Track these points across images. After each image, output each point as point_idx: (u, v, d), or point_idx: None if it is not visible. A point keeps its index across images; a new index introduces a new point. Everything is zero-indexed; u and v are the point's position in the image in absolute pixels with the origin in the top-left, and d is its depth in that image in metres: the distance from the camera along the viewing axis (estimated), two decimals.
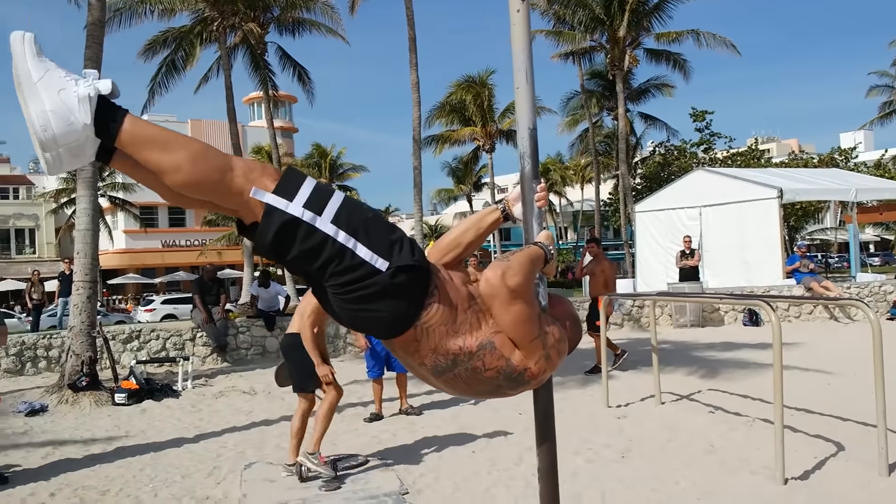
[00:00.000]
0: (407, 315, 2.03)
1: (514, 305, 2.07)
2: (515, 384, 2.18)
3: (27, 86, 1.85)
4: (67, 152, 1.90)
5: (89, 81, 1.89)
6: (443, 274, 2.15)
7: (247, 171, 1.97)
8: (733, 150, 39.45)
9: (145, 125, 1.96)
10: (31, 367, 12.27)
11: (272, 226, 1.95)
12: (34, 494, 5.99)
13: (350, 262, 1.96)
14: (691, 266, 16.59)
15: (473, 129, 39.75)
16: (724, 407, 7.88)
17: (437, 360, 2.10)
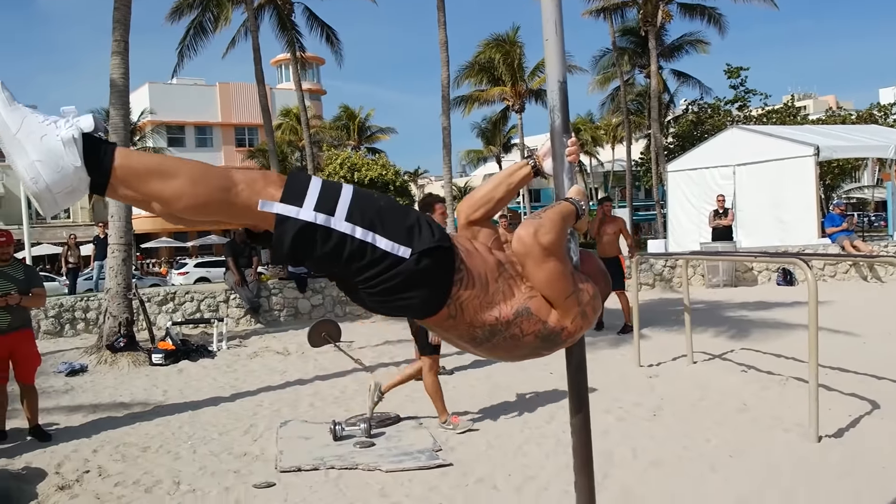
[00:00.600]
0: (438, 296, 2.01)
1: (547, 263, 2.05)
2: (553, 344, 2.18)
3: (7, 140, 1.78)
4: (62, 196, 1.83)
5: (70, 122, 1.81)
6: (467, 246, 2.13)
7: (250, 183, 1.90)
8: (769, 107, 38.70)
9: (137, 156, 1.91)
10: (70, 328, 12.55)
11: (287, 235, 1.90)
12: (77, 451, 6.16)
13: (372, 257, 1.93)
14: (724, 225, 16.39)
15: (503, 89, 39.34)
16: (756, 366, 7.84)
17: (475, 333, 2.09)
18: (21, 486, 5.38)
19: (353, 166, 36.63)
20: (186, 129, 48.79)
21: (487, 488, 4.88)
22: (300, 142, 40.62)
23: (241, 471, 5.46)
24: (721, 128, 30.85)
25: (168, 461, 5.79)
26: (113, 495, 5.10)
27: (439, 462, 5.38)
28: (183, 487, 5.18)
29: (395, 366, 9.03)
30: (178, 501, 4.92)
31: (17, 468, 5.77)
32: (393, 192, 37.38)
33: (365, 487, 4.98)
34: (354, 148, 45.67)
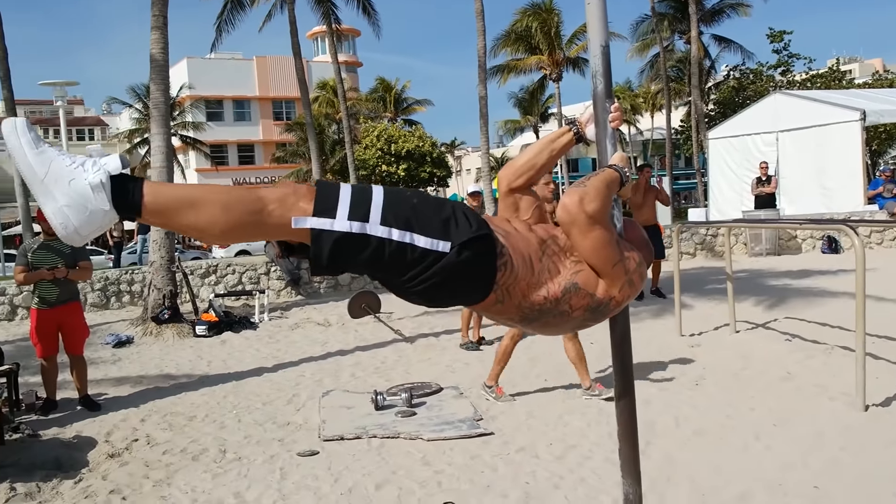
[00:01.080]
0: (484, 284, 2.00)
1: (593, 231, 2.03)
2: (601, 315, 2.17)
3: (35, 185, 1.78)
4: (90, 235, 1.87)
5: (97, 164, 1.81)
6: (507, 228, 2.11)
7: (281, 200, 1.89)
8: (813, 72, 37.70)
9: (165, 189, 1.90)
10: (116, 301, 12.81)
11: (324, 248, 1.89)
12: (126, 420, 6.32)
13: (413, 256, 1.92)
14: (768, 193, 16.10)
15: (540, 58, 38.87)
16: (801, 335, 7.73)
17: (524, 313, 2.08)
18: (72, 454, 5.54)
19: (390, 138, 36.64)
20: (224, 104, 49.14)
21: (529, 457, 4.90)
22: (337, 114, 40.66)
23: (285, 439, 5.56)
24: (763, 94, 30.13)
25: (214, 430, 5.91)
26: (161, 462, 5.23)
27: (481, 431, 5.41)
28: (229, 455, 5.29)
29: (434, 336, 9.07)
30: (224, 469, 5.02)
31: (69, 437, 5.94)
32: (430, 163, 37.36)
33: (407, 456, 5.03)
34: (391, 120, 45.66)
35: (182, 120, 44.15)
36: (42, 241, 6.69)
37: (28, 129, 1.80)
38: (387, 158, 36.21)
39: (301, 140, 40.32)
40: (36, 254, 6.55)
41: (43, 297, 6.55)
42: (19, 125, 1.79)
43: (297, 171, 42.31)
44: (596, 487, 4.34)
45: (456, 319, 9.69)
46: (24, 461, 5.34)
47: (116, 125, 52.73)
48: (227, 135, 48.84)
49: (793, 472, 4.38)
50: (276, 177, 45.55)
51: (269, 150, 48.98)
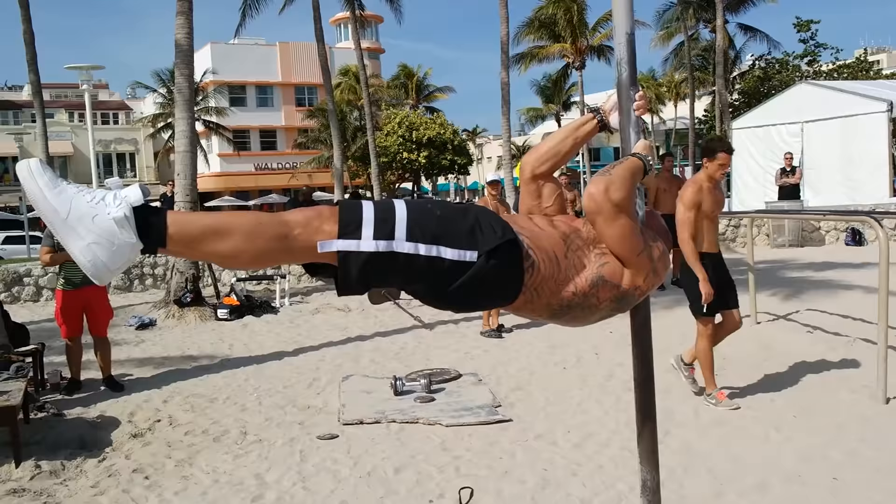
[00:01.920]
0: (513, 287, 2.01)
1: (618, 220, 2.03)
2: (627, 305, 2.18)
3: (58, 225, 1.77)
4: (118, 269, 1.85)
5: (118, 198, 1.79)
6: (530, 227, 2.11)
7: (305, 225, 1.88)
8: (840, 62, 37.23)
9: (189, 218, 1.91)
10: (139, 284, 12.96)
11: (352, 270, 1.88)
12: (148, 401, 6.40)
13: (441, 268, 1.92)
14: (792, 184, 15.95)
15: (563, 46, 38.68)
16: (822, 327, 7.68)
17: (553, 310, 2.09)
18: (96, 434, 5.63)
19: (412, 125, 36.63)
20: (247, 89, 49.29)
21: (547, 444, 4.93)
22: (359, 101, 40.68)
23: (306, 422, 5.61)
24: (789, 84, 29.81)
25: (235, 412, 5.99)
26: (183, 443, 5.30)
27: (499, 418, 5.44)
28: (250, 437, 5.36)
29: (453, 324, 9.09)
30: (245, 451, 5.08)
31: (92, 416, 6.03)
32: (451, 151, 37.32)
33: (426, 441, 5.07)
34: (413, 107, 45.65)
35: (205, 105, 44.33)
36: None
37: (43, 170, 1.78)
38: (408, 146, 36.23)
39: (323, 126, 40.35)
40: None
41: (68, 279, 6.64)
42: (34, 167, 1.78)
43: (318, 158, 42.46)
44: (613, 475, 4.36)
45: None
46: (49, 440, 5.44)
47: (140, 109, 53.07)
48: (250, 120, 49.01)
49: (812, 463, 4.37)
50: (297, 163, 45.74)
51: (290, 135, 49.10)
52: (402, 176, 39.17)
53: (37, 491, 4.55)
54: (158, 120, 44.36)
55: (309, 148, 43.81)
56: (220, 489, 4.47)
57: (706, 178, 5.52)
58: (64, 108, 50.13)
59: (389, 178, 37.33)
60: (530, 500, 4.09)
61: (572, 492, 4.16)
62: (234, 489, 4.45)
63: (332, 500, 4.22)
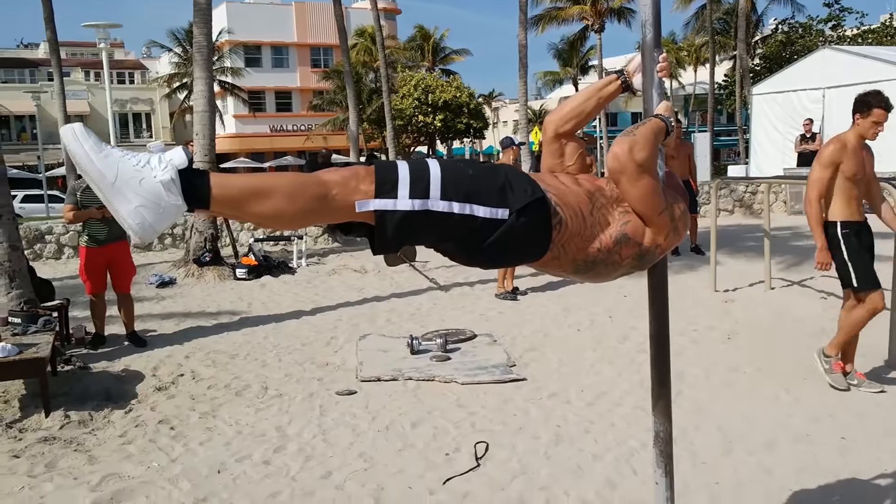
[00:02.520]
0: (542, 243, 2.07)
1: (641, 180, 2.09)
2: (648, 262, 2.25)
3: (106, 189, 1.80)
4: (162, 229, 1.90)
5: (163, 161, 1.82)
6: (556, 185, 2.15)
7: (343, 185, 1.92)
8: (865, 27, 36.58)
9: (231, 180, 1.94)
10: (158, 243, 13.12)
11: (389, 228, 1.92)
12: (171, 356, 6.56)
13: (474, 225, 1.97)
14: (811, 151, 15.81)
15: (582, 8, 38.21)
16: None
17: (578, 266, 2.16)
18: (121, 387, 5.80)
19: (428, 88, 36.43)
20: (263, 49, 49.05)
21: (560, 402, 5.03)
22: (374, 62, 40.42)
23: (324, 379, 5.75)
24: (812, 49, 29.40)
25: (255, 368, 6.13)
26: (206, 397, 5.45)
27: (513, 377, 5.55)
28: (270, 392, 5.50)
29: (468, 286, 9.19)
30: (267, 405, 5.23)
31: (117, 370, 6.20)
32: (467, 114, 37.14)
33: (442, 398, 5.19)
34: (429, 69, 45.33)
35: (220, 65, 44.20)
36: None
37: (88, 134, 1.81)
38: (423, 108, 36.07)
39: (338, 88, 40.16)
40: (85, 193, 6.74)
41: (92, 236, 6.76)
42: (79, 131, 1.80)
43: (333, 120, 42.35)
44: (625, 432, 4.46)
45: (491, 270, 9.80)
46: (76, 391, 5.61)
47: (156, 69, 52.99)
48: (265, 81, 48.84)
49: (821, 423, 4.46)
50: (313, 125, 45.63)
51: (306, 97, 48.92)
52: (418, 139, 39.06)
53: (67, 439, 4.71)
54: (174, 80, 44.34)
55: (324, 110, 43.70)
56: (244, 440, 4.61)
57: (854, 137, 4.93)
58: (80, 66, 50.13)
59: (405, 141, 37.24)
60: (544, 455, 4.21)
61: (585, 447, 4.27)
62: (256, 440, 4.60)
63: (351, 452, 4.35)
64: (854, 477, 3.77)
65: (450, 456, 4.26)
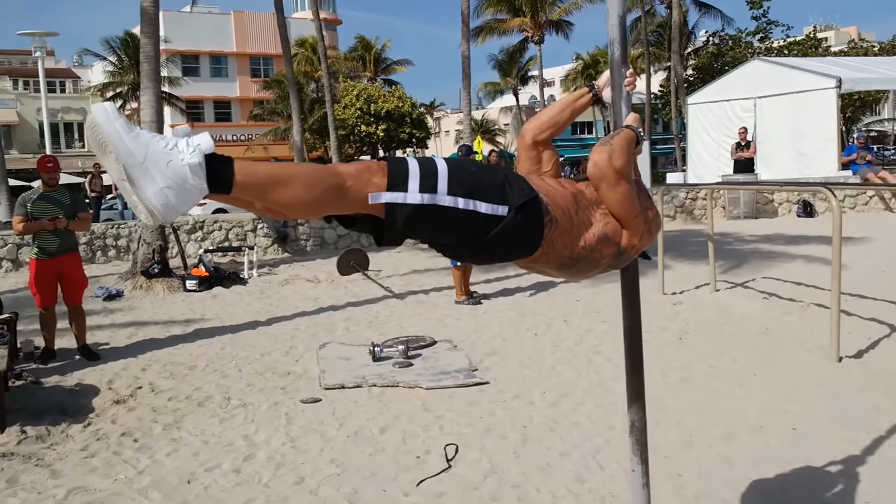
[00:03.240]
0: (535, 239, 2.18)
1: (620, 186, 2.24)
2: (623, 261, 2.40)
3: (135, 168, 1.82)
4: (185, 209, 1.94)
5: (191, 145, 1.87)
6: (545, 186, 2.27)
7: (357, 177, 2.00)
8: (790, 39, 37.98)
9: (254, 167, 1.99)
10: (102, 255, 12.87)
11: (399, 220, 2.02)
12: (126, 369, 6.48)
13: (477, 220, 2.07)
14: (746, 158, 16.42)
15: (523, 20, 38.75)
16: (778, 293, 8.04)
17: (563, 262, 2.28)
18: (76, 401, 5.70)
19: (370, 98, 36.46)
20: (201, 59, 48.33)
21: (524, 403, 5.16)
22: (315, 72, 40.30)
23: (287, 388, 5.76)
24: (742, 60, 30.35)
25: (216, 378, 6.10)
26: (168, 408, 5.41)
27: (477, 380, 5.65)
28: (234, 402, 5.49)
29: (423, 294, 9.27)
30: (231, 414, 5.22)
31: (70, 385, 6.09)
32: (409, 124, 37.28)
33: (407, 403, 5.26)
34: (370, 80, 45.33)
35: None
36: (41, 191, 6.76)
37: (118, 115, 1.83)
38: (366, 118, 36.10)
39: (279, 98, 39.95)
40: (35, 204, 6.63)
41: (43, 248, 6.64)
42: (110, 110, 1.82)
43: (275, 129, 42.04)
44: (589, 430, 4.61)
45: (444, 277, 9.93)
46: (30, 407, 5.49)
47: (88, 78, 51.74)
48: (204, 91, 48.13)
49: (773, 416, 4.68)
50: (253, 135, 45.20)
51: (246, 107, 48.41)
52: (360, 149, 39.03)
53: (25, 455, 4.63)
54: (108, 89, 43.34)
55: (265, 120, 43.34)
56: (211, 450, 4.60)
57: None
58: (7, 74, 48.64)
59: (347, 150, 37.16)
60: (513, 454, 4.31)
61: (552, 446, 4.40)
62: (224, 449, 4.59)
63: (322, 458, 4.39)
64: (808, 464, 3.98)
65: (421, 458, 4.33)
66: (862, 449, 4.14)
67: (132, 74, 40.10)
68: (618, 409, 4.91)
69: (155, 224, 1.97)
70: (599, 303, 8.06)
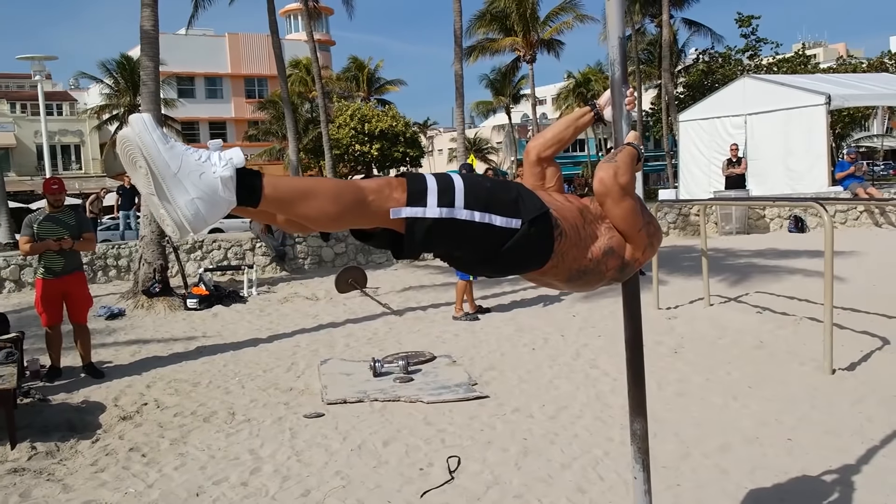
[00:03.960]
0: (546, 252, 2.28)
1: (624, 201, 2.35)
2: (626, 274, 2.51)
3: (169, 179, 1.88)
4: (215, 221, 2.01)
5: (223, 159, 1.92)
6: (554, 202, 2.37)
7: (378, 192, 2.08)
8: (779, 56, 38.42)
9: (282, 182, 2.06)
10: (103, 275, 12.94)
11: (418, 234, 2.08)
12: (131, 386, 6.56)
13: (492, 233, 2.16)
14: (738, 174, 16.61)
15: (514, 39, 39.10)
16: (771, 307, 8.17)
17: (571, 274, 2.38)
18: (84, 417, 5.79)
19: (364, 117, 36.68)
20: (196, 81, 48.64)
21: (524, 417, 5.26)
22: (309, 93, 40.57)
23: (290, 403, 5.85)
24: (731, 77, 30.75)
25: (220, 395, 6.19)
26: (174, 424, 5.50)
27: (477, 394, 5.76)
28: (238, 417, 5.58)
29: (422, 310, 9.38)
30: (236, 429, 5.31)
31: (77, 402, 6.17)
32: (403, 143, 37.49)
33: (409, 417, 5.36)
34: (364, 99, 45.60)
35: None
36: (47, 212, 6.87)
37: (155, 126, 1.90)
38: (360, 138, 36.30)
39: (273, 118, 40.15)
40: (41, 225, 6.74)
41: (49, 267, 6.75)
42: (148, 121, 1.89)
43: (270, 150, 42.20)
44: (588, 442, 4.71)
45: (441, 294, 10.05)
46: (38, 424, 5.58)
47: (84, 100, 51.90)
48: (199, 112, 48.35)
49: (768, 427, 4.79)
50: (248, 155, 45.26)
51: (241, 127, 48.67)
52: (355, 168, 39.21)
53: (36, 470, 4.72)
54: (104, 111, 43.52)
55: (259, 140, 43.52)
56: (218, 464, 4.69)
57: None
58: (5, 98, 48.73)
59: (342, 170, 37.34)
60: (514, 466, 4.42)
61: (553, 458, 4.50)
62: (231, 463, 4.69)
63: (327, 471, 4.48)
64: (803, 474, 4.09)
65: (424, 471, 4.43)
66: (857, 459, 4.25)
67: (128, 97, 40.37)
68: (616, 421, 5.03)
69: (183, 237, 2.04)
70: (595, 318, 8.18)
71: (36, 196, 39.10)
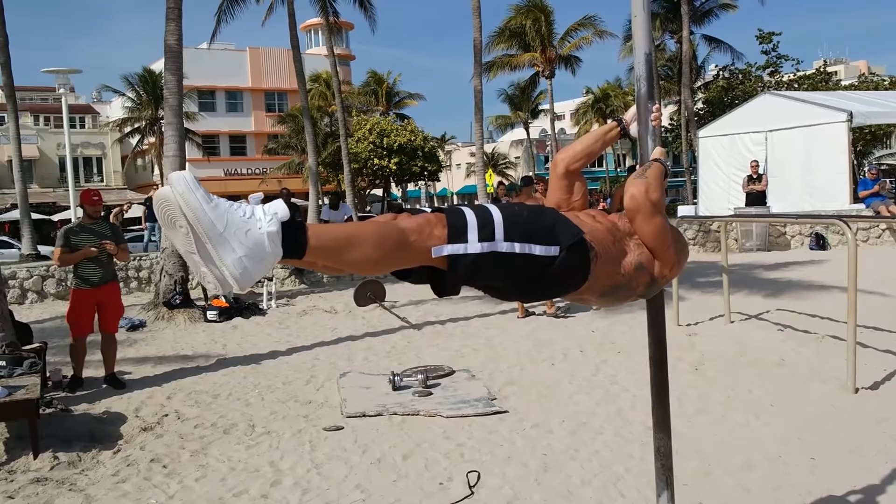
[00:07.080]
0: (583, 274, 2.29)
1: (655, 217, 2.37)
2: (654, 290, 2.53)
3: (215, 238, 1.85)
4: (261, 276, 1.98)
5: (268, 214, 1.90)
6: (586, 223, 2.38)
7: (419, 231, 2.05)
8: (800, 73, 38.29)
9: (325, 230, 2.06)
10: (124, 287, 13.03)
11: (460, 271, 2.08)
12: (152, 397, 6.61)
13: (533, 263, 2.17)
14: (759, 191, 16.53)
15: (533, 55, 39.23)
16: (793, 325, 8.11)
17: (604, 291, 2.39)
18: (105, 428, 5.83)
19: (383, 132, 36.84)
20: (217, 94, 49.09)
21: (544, 432, 5.24)
22: (329, 107, 40.82)
23: (310, 416, 5.87)
24: (752, 94, 30.65)
25: (240, 407, 6.22)
26: (194, 435, 5.53)
27: (496, 409, 5.75)
28: (258, 429, 5.60)
29: (440, 324, 9.38)
30: (256, 441, 5.33)
31: (98, 412, 6.22)
32: (421, 157, 37.61)
33: (428, 431, 5.35)
34: (383, 114, 45.82)
35: None
36: (83, 223, 7.02)
37: (197, 186, 1.86)
38: (379, 152, 36.44)
39: (293, 132, 40.38)
40: (79, 237, 6.86)
41: (85, 278, 6.87)
42: (191, 181, 1.85)
43: (289, 163, 42.46)
44: (609, 458, 4.69)
45: (460, 308, 10.06)
46: (60, 434, 5.62)
47: (107, 113, 52.52)
48: (220, 125, 48.77)
49: (790, 445, 4.74)
50: (268, 168, 45.65)
51: (260, 141, 49.00)
52: (373, 182, 39.37)
53: (58, 480, 4.76)
54: (126, 124, 43.99)
55: (279, 153, 43.80)
56: (238, 476, 4.71)
57: None
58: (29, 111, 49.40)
59: (360, 184, 37.49)
60: (534, 482, 4.40)
61: (573, 473, 4.48)
62: (251, 475, 4.70)
63: (347, 484, 4.48)
64: (828, 494, 4.04)
65: (444, 485, 4.42)
66: (882, 479, 4.20)
67: (150, 110, 40.81)
68: (636, 437, 5.00)
69: (224, 292, 2.06)
70: (615, 333, 8.15)
71: (58, 208, 39.61)
